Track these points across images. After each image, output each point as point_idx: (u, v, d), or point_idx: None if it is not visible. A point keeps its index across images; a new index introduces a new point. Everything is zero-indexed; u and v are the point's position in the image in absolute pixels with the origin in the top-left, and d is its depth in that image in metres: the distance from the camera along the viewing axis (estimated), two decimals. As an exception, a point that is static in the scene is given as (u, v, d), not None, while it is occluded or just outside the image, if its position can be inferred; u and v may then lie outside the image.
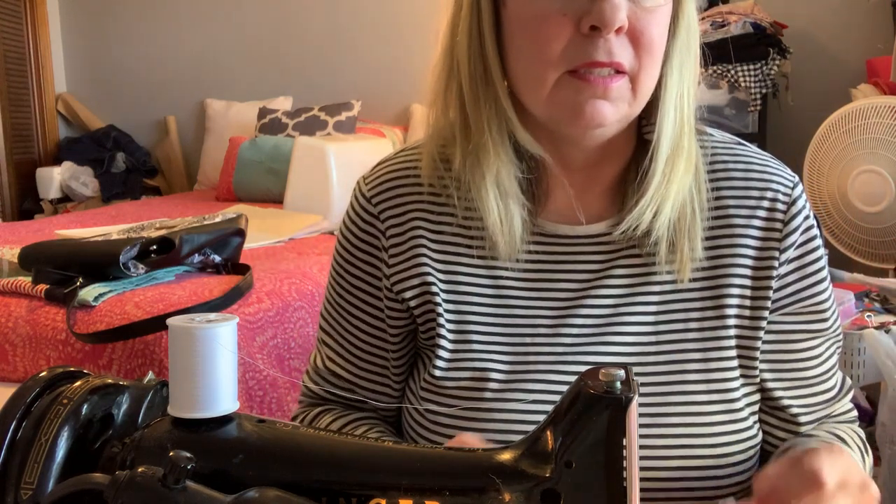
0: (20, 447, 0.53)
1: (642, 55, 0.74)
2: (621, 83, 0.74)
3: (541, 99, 0.76)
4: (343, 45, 4.37)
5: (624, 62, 0.73)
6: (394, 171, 0.87)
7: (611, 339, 0.80)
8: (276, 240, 2.82)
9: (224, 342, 0.53)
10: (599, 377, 0.52)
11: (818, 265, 0.83)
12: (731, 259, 0.81)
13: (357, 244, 0.87)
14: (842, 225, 2.55)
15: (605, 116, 0.74)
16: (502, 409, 0.79)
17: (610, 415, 0.50)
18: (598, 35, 0.72)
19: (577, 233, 0.83)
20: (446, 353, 0.82)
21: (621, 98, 0.74)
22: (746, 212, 0.81)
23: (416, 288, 0.83)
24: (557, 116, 0.76)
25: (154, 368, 1.75)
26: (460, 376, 0.81)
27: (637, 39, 0.73)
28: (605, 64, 0.72)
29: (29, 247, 2.01)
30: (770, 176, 0.83)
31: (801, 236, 0.81)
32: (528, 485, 0.52)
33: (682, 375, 0.79)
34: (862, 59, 3.21)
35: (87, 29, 4.85)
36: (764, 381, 0.83)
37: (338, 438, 0.58)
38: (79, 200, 4.43)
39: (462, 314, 0.82)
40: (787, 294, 0.82)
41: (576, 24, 0.72)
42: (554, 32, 0.73)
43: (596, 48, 0.72)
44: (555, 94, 0.74)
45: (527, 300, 0.82)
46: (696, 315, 0.81)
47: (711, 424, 0.78)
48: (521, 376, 0.80)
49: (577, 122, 0.75)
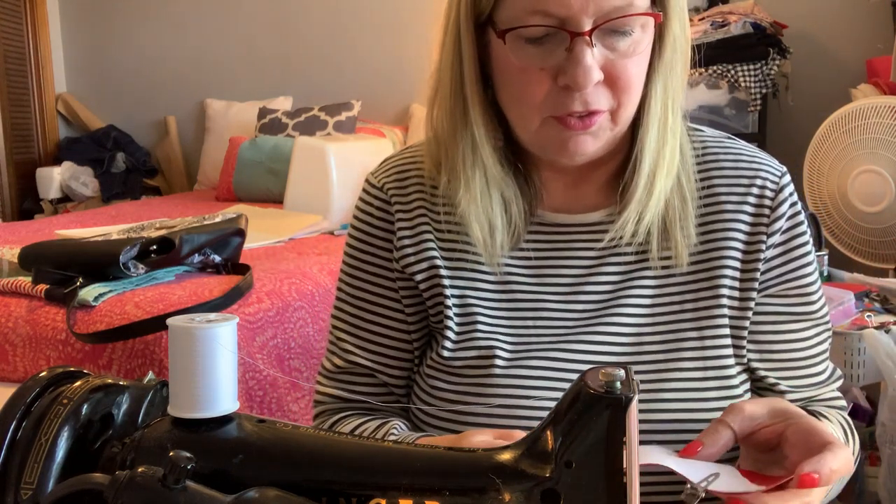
0: (20, 447, 0.53)
1: (620, 95, 0.77)
2: (601, 119, 0.78)
3: (528, 134, 0.81)
4: (343, 45, 4.37)
5: (602, 107, 0.77)
6: (400, 165, 0.92)
7: (610, 319, 0.84)
8: (276, 240, 2.82)
9: (224, 342, 0.53)
10: (599, 377, 0.52)
11: (803, 250, 0.86)
12: (723, 243, 0.84)
13: (370, 231, 0.91)
14: (842, 225, 2.55)
15: (587, 148, 0.79)
16: (508, 385, 0.82)
17: (610, 415, 0.50)
18: (573, 90, 0.75)
19: (574, 221, 0.87)
20: (453, 334, 0.85)
21: (602, 129, 0.78)
22: (737, 198, 0.85)
23: (425, 272, 0.87)
24: (544, 150, 0.82)
25: (154, 368, 1.75)
26: (467, 355, 0.84)
27: (614, 83, 0.76)
28: (582, 113, 0.76)
29: (29, 247, 2.01)
30: (759, 166, 0.86)
31: (787, 222, 0.85)
32: (528, 485, 0.52)
33: (678, 353, 0.82)
34: (862, 59, 3.21)
35: (87, 29, 4.85)
36: (751, 362, 0.85)
37: (338, 438, 0.58)
38: (79, 200, 4.43)
39: (466, 297, 0.86)
40: (773, 276, 0.85)
41: (553, 77, 0.76)
42: (534, 84, 0.77)
43: (572, 101, 0.76)
44: (540, 132, 0.79)
45: (530, 286, 0.86)
46: (691, 297, 0.84)
47: (707, 400, 0.81)
48: (525, 355, 0.83)
49: (563, 155, 0.80)
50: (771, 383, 0.85)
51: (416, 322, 0.89)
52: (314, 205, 3.20)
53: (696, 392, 0.81)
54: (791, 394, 0.85)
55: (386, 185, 0.91)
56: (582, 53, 0.73)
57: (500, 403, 0.81)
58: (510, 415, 0.80)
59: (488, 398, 0.81)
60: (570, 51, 0.74)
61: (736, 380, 0.83)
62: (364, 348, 0.91)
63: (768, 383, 0.86)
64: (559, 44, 0.75)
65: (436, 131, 0.87)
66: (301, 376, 2.01)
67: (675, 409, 0.80)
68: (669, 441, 0.78)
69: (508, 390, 0.81)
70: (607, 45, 0.75)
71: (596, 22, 0.73)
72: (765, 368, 0.85)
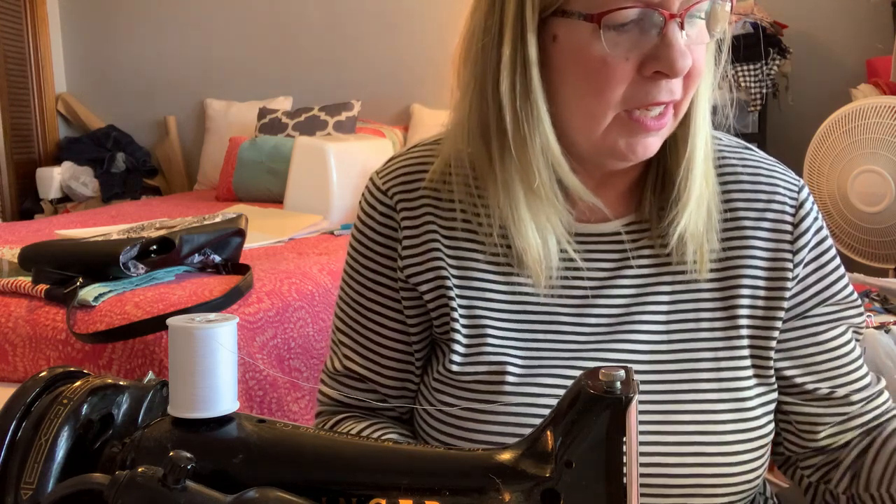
0: (20, 447, 0.53)
1: (690, 85, 0.75)
2: (669, 115, 0.75)
3: (593, 137, 0.75)
4: (343, 45, 4.37)
5: (678, 96, 0.74)
6: (407, 167, 0.87)
7: (625, 336, 0.81)
8: (276, 240, 2.82)
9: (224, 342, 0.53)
10: (599, 377, 0.52)
11: (835, 263, 0.85)
12: (741, 260, 0.82)
13: (374, 237, 0.87)
14: (842, 225, 2.55)
15: (653, 150, 0.76)
16: (520, 403, 0.79)
17: (610, 415, 0.50)
18: (662, 78, 0.72)
19: (591, 231, 0.84)
20: (461, 346, 0.82)
21: (668, 126, 0.76)
22: (755, 214, 0.83)
23: (431, 282, 0.83)
24: (607, 153, 0.76)
25: (154, 368, 1.75)
26: (477, 370, 0.81)
27: (690, 74, 0.74)
28: (666, 103, 0.74)
29: (29, 247, 2.01)
30: (777, 181, 0.84)
31: (813, 237, 0.83)
32: (528, 485, 0.52)
33: (693, 374, 0.80)
34: (862, 59, 3.21)
35: (87, 29, 4.85)
36: (794, 378, 0.83)
37: (338, 438, 0.58)
38: (79, 200, 4.43)
39: (475, 308, 0.82)
40: (812, 294, 0.83)
41: (638, 67, 0.72)
42: (615, 76, 0.72)
43: (659, 90, 0.72)
44: (609, 132, 0.75)
45: (542, 297, 0.82)
46: (707, 315, 0.81)
47: (722, 423, 0.78)
48: (537, 370, 0.80)
49: (628, 158, 0.76)
50: (825, 394, 0.83)
51: (419, 332, 0.86)
52: (314, 205, 3.20)
53: (712, 415, 0.78)
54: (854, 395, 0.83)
55: (391, 189, 0.86)
56: (677, 36, 0.70)
57: (510, 422, 0.78)
58: (520, 433, 0.76)
59: (498, 415, 0.78)
60: (664, 35, 0.70)
61: (753, 402, 0.80)
62: (361, 354, 0.88)
63: (822, 394, 0.83)
64: (648, 29, 0.71)
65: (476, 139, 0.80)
66: (301, 376, 2.01)
67: (688, 432, 0.77)
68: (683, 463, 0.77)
69: (520, 408, 0.78)
70: (690, 35, 0.73)
71: (683, 4, 0.71)
72: (813, 381, 0.83)
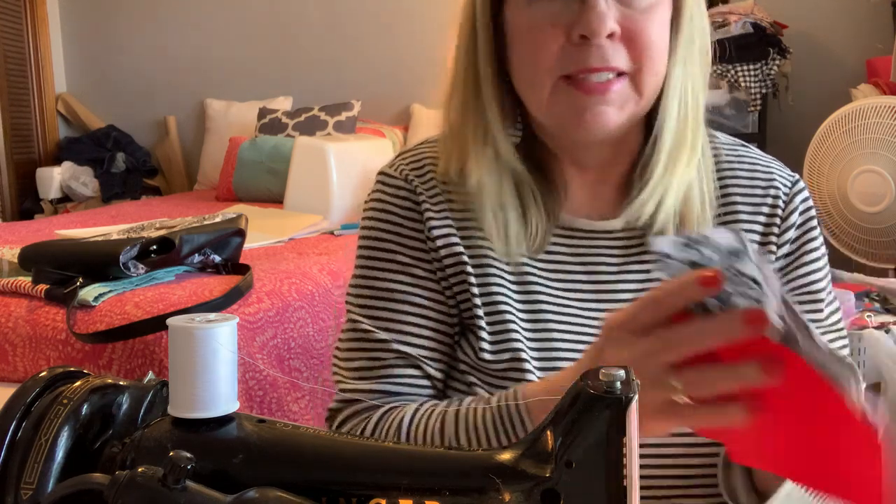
0: (20, 447, 0.53)
1: (640, 56, 0.75)
2: (621, 86, 0.76)
3: (541, 105, 0.78)
4: (343, 45, 4.37)
5: (620, 65, 0.75)
6: (416, 158, 0.89)
7: None
8: (276, 240, 2.82)
9: (224, 342, 0.53)
10: (599, 377, 0.52)
11: (813, 256, 0.84)
12: None
13: (398, 221, 0.85)
14: (842, 225, 2.55)
15: (608, 120, 0.76)
16: None
17: (610, 415, 0.50)
18: (588, 43, 0.74)
19: (594, 228, 0.85)
20: (487, 334, 0.82)
21: (625, 99, 0.76)
22: (751, 208, 0.84)
23: (453, 266, 0.84)
24: (560, 122, 0.79)
25: (154, 368, 1.75)
26: (502, 357, 0.81)
27: (633, 42, 0.75)
28: (600, 69, 0.75)
29: (29, 247, 2.01)
30: (773, 175, 0.86)
31: (796, 231, 0.84)
32: (528, 485, 0.52)
33: None
34: (862, 59, 3.21)
35: (87, 29, 4.85)
36: None
37: (338, 438, 0.58)
38: (79, 200, 4.43)
39: (493, 295, 0.82)
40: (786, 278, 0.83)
41: (567, 32, 0.75)
42: (546, 41, 0.75)
43: (588, 55, 0.74)
44: (553, 100, 0.77)
45: (551, 291, 0.83)
46: None
47: None
48: (552, 364, 0.81)
49: (579, 127, 0.77)
50: None
51: (456, 314, 0.85)
52: (314, 205, 3.20)
53: None
54: None
55: (406, 174, 0.87)
56: (595, 0, 0.73)
57: None
58: None
59: None
60: (584, 0, 0.74)
61: None
62: (408, 343, 0.84)
63: None
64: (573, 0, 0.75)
65: (451, 124, 0.85)
66: (301, 376, 2.01)
67: None
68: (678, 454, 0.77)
69: None
70: (623, 1, 0.75)
71: None
72: None
